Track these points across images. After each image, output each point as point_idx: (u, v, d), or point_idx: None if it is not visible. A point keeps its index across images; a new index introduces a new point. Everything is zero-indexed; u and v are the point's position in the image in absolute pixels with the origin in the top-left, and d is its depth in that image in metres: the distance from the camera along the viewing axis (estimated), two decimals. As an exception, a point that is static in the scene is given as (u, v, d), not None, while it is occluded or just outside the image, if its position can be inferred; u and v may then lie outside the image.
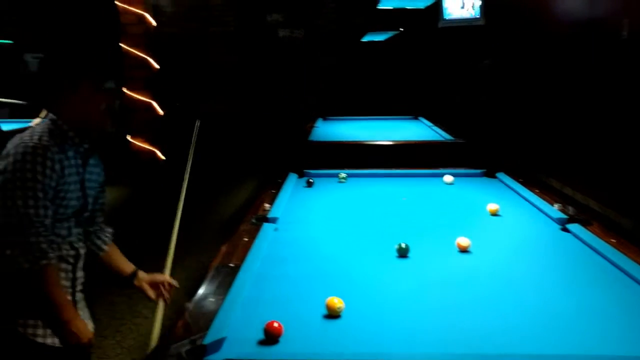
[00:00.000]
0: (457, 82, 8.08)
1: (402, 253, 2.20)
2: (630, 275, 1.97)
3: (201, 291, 1.82)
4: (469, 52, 7.88)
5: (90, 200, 1.76)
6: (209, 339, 1.51)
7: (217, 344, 1.50)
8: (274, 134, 7.68)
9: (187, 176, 2.49)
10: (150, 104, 6.28)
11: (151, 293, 1.92)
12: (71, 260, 1.72)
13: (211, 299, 1.76)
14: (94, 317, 3.29)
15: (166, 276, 1.97)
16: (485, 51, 7.61)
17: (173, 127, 6.39)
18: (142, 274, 1.94)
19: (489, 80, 7.44)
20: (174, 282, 1.96)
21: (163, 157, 6.56)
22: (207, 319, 1.63)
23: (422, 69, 8.45)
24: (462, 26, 7.32)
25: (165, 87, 6.71)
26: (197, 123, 2.83)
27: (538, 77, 6.50)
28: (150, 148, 6.52)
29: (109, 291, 3.93)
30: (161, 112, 6.43)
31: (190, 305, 1.73)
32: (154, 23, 6.13)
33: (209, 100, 8.01)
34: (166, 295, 1.93)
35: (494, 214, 2.74)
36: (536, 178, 4.57)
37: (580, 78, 5.44)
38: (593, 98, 5.20)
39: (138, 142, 6.48)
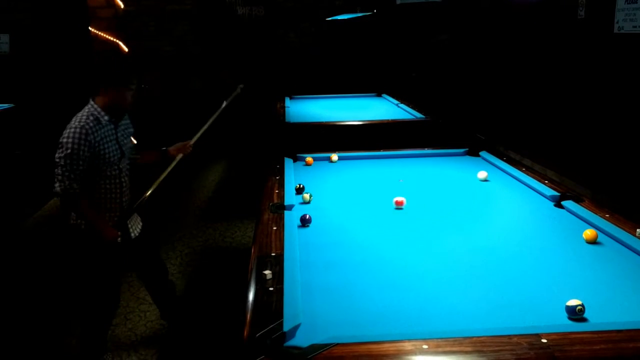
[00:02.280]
0: (416, 59, 8.29)
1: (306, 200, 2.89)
2: (627, 245, 2.24)
3: (259, 280, 1.94)
4: (426, 28, 8.08)
5: (125, 149, 2.80)
6: (286, 326, 1.65)
7: (294, 331, 1.65)
8: (248, 115, 7.72)
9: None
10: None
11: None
12: (118, 187, 2.77)
13: (271, 288, 1.89)
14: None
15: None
16: (442, 27, 7.83)
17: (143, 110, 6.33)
18: (170, 149, 3.14)
19: (446, 56, 7.67)
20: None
21: (134, 141, 6.50)
22: (275, 306, 1.76)
23: (382, 46, 8.60)
24: (420, 3, 7.52)
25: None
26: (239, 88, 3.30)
27: (495, 55, 6.78)
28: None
29: (108, 280, 3.97)
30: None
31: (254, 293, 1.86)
32: (122, 6, 5.98)
33: (176, 81, 7.92)
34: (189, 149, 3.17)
35: (592, 241, 2.31)
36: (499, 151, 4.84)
37: (539, 58, 5.73)
38: (549, 76, 5.50)
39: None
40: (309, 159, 3.76)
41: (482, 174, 3.30)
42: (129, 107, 2.76)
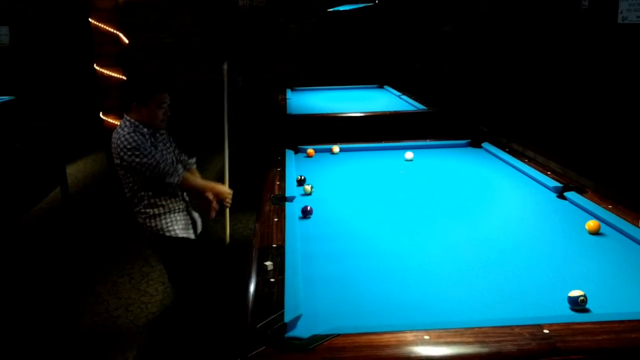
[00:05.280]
0: (418, 50, 8.25)
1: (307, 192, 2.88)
2: (630, 236, 2.22)
3: (260, 271, 1.94)
4: (429, 19, 8.04)
5: (169, 155, 2.75)
6: (287, 317, 1.64)
7: (295, 321, 1.65)
8: (249, 107, 7.70)
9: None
10: (122, 80, 6.15)
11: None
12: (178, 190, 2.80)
13: (272, 279, 1.88)
14: (100, 298, 3.40)
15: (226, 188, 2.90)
16: (445, 18, 7.79)
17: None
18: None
19: (450, 47, 7.64)
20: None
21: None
22: (276, 298, 1.76)
23: (384, 37, 8.56)
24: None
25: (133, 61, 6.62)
26: (225, 66, 3.12)
27: (498, 46, 6.74)
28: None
29: (109, 273, 3.99)
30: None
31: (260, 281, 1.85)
32: (123, -3, 5.98)
33: (179, 73, 7.92)
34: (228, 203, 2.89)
35: (595, 232, 2.30)
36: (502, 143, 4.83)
37: (542, 49, 5.70)
38: (553, 67, 5.48)
39: (111, 119, 6.35)
40: (310, 150, 3.75)
41: (408, 155, 3.55)
42: (163, 124, 2.75)
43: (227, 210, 3.02)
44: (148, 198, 2.70)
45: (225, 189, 2.89)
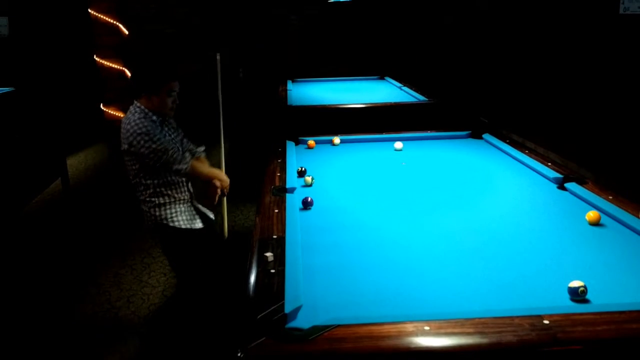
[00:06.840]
0: (419, 41, 8.22)
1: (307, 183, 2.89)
2: (630, 227, 2.22)
3: (260, 262, 1.94)
4: (430, 10, 8.01)
5: (177, 144, 2.78)
6: (288, 308, 1.64)
7: (295, 312, 1.65)
8: (250, 99, 7.69)
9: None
10: (122, 71, 6.13)
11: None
12: (183, 179, 2.80)
13: (272, 270, 1.89)
14: (101, 289, 3.42)
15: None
16: (446, 9, 7.76)
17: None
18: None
19: (450, 39, 7.60)
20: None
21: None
22: (277, 288, 1.76)
23: (386, 28, 8.53)
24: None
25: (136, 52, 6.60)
26: (217, 56, 3.16)
27: (499, 37, 6.71)
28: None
29: (111, 264, 4.00)
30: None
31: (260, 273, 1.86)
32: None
33: (182, 62, 7.87)
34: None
35: (595, 222, 2.30)
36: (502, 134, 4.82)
37: (543, 40, 5.67)
38: (553, 58, 5.46)
39: (111, 110, 6.34)
40: (311, 142, 3.74)
41: (398, 145, 3.59)
42: (172, 112, 2.76)
43: (225, 205, 3.04)
44: (154, 186, 2.70)
45: (225, 176, 2.95)
